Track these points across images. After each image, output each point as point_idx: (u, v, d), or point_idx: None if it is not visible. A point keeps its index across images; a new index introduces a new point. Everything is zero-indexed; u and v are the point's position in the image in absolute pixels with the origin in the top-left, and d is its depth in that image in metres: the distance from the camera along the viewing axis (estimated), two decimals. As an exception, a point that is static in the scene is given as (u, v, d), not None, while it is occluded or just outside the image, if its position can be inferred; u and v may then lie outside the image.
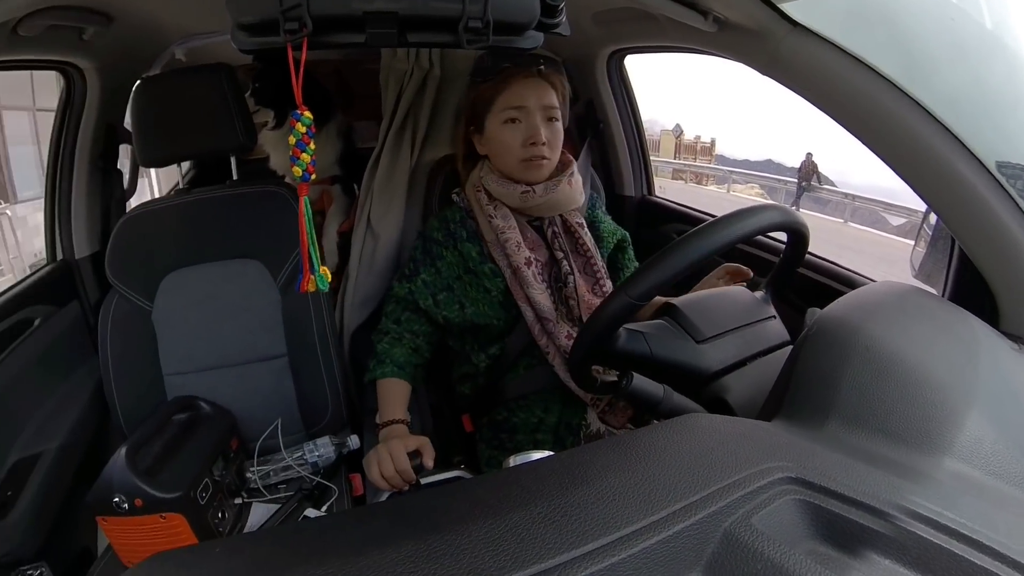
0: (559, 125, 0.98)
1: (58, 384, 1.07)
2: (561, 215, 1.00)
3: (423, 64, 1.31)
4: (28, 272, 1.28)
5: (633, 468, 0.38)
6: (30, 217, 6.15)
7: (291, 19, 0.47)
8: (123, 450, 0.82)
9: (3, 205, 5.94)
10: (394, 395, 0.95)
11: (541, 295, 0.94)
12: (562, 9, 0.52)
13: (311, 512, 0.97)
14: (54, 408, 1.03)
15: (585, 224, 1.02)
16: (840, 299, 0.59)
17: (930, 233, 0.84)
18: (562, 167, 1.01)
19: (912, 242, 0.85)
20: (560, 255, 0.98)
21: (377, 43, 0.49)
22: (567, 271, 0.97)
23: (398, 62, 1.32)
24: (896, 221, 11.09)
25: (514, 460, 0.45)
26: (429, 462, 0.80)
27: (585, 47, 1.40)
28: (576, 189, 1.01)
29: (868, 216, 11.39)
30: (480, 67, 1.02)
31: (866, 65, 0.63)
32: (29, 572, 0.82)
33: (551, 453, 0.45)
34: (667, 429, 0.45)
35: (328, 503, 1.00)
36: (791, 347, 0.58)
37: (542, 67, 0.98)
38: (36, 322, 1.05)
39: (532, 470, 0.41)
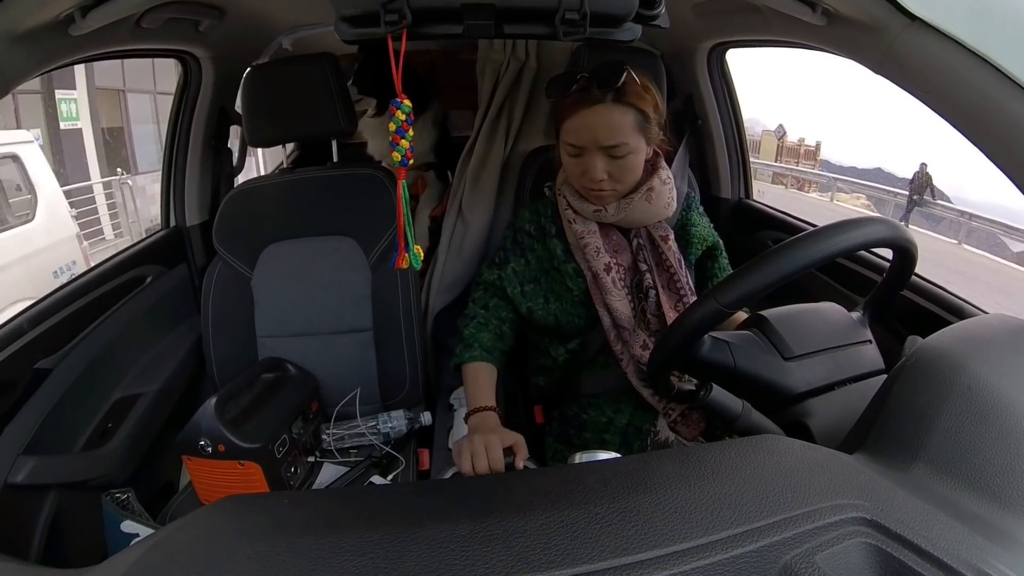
0: (628, 160, 0.86)
1: (162, 336, 1.19)
2: (646, 227, 0.94)
3: (519, 56, 1.32)
4: (144, 235, 1.44)
5: (699, 483, 0.37)
6: (148, 187, 6.95)
7: (391, 11, 0.49)
8: (213, 400, 0.91)
9: (126, 176, 6.69)
10: (482, 380, 0.92)
11: (620, 302, 0.91)
12: (661, 1, 0.50)
13: (377, 479, 1.03)
14: (157, 356, 1.15)
15: (672, 236, 0.94)
16: (945, 329, 0.54)
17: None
18: (644, 177, 0.92)
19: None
20: (644, 267, 0.93)
21: (474, 34, 0.50)
22: (649, 285, 0.92)
23: (495, 53, 1.34)
24: (1018, 247, 9.85)
25: (580, 457, 0.45)
26: (520, 463, 0.76)
27: (685, 40, 1.34)
28: (659, 203, 0.91)
29: (985, 239, 10.16)
30: (551, 83, 0.90)
31: (993, 66, 0.56)
32: (118, 495, 0.92)
33: (618, 455, 0.44)
34: (740, 447, 0.43)
35: (394, 473, 1.05)
36: (885, 377, 0.53)
37: (619, 85, 0.83)
38: (148, 279, 1.19)
39: (596, 470, 0.41)
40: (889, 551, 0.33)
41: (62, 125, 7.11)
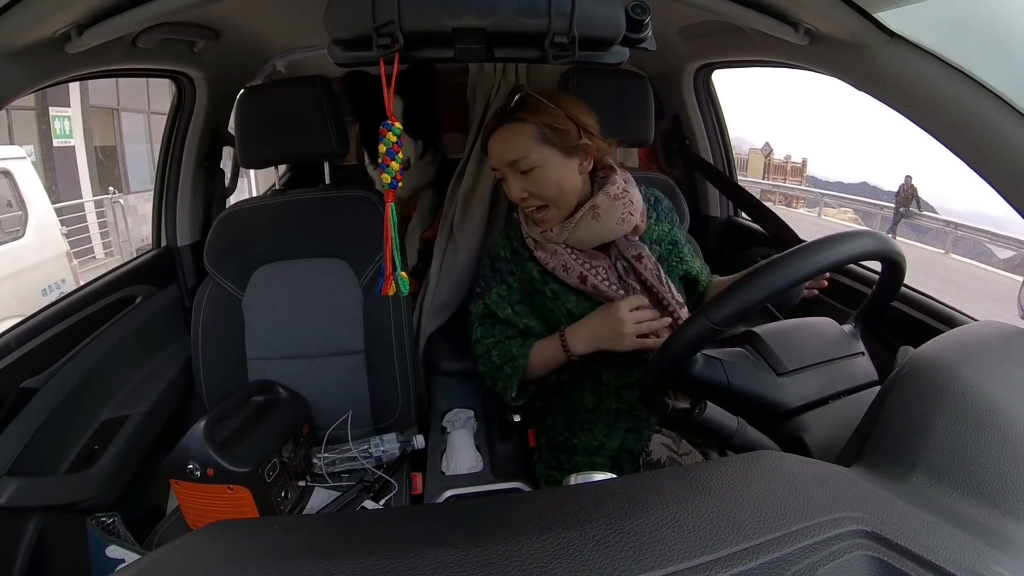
0: (537, 173, 0.87)
1: (151, 357, 1.18)
2: (615, 245, 0.92)
3: (510, 79, 1.35)
4: (135, 255, 1.43)
5: (697, 501, 0.36)
6: (140, 207, 6.92)
7: (384, 35, 0.50)
8: (203, 422, 0.89)
9: (118, 195, 6.67)
10: (543, 348, 0.93)
11: (616, 295, 0.90)
12: (648, 24, 0.52)
13: (369, 504, 1.01)
14: (145, 377, 1.13)
15: (646, 254, 0.92)
16: (937, 338, 0.54)
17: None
18: (591, 193, 0.92)
19: (1021, 278, 0.76)
20: (631, 282, 0.92)
21: (465, 58, 0.51)
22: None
23: (485, 77, 1.37)
24: (1004, 254, 10.10)
25: (575, 479, 0.44)
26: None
27: (672, 62, 1.38)
28: (609, 220, 0.89)
29: (972, 247, 10.38)
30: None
31: (972, 78, 0.58)
32: (103, 519, 0.89)
33: (613, 476, 0.44)
34: (737, 464, 0.42)
35: (387, 498, 1.03)
36: (879, 388, 0.53)
37: (510, 108, 0.89)
38: (138, 299, 1.18)
39: (592, 491, 0.40)
40: (891, 562, 0.33)
41: (55, 142, 7.12)
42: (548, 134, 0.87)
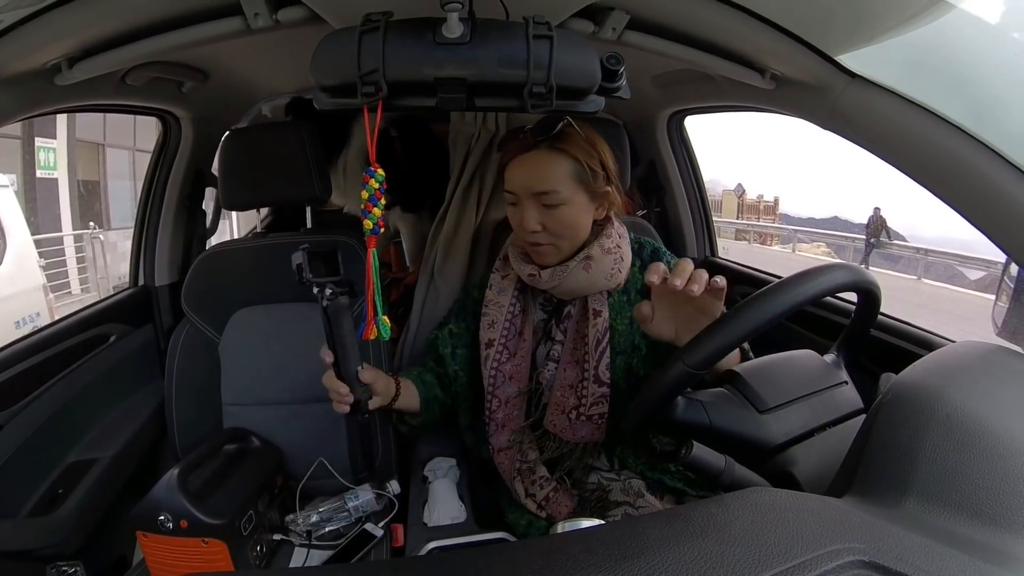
0: (562, 211, 0.82)
1: (123, 398, 1.14)
2: (584, 298, 0.88)
3: (490, 127, 1.38)
4: (111, 292, 1.39)
5: (689, 543, 0.35)
6: (119, 244, 6.82)
7: (368, 83, 0.51)
8: (175, 471, 0.84)
9: (98, 230, 6.57)
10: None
11: (490, 383, 0.90)
12: (622, 73, 0.54)
13: (352, 563, 0.95)
14: (115, 420, 1.09)
15: (604, 313, 0.87)
16: (917, 363, 0.55)
17: (1012, 286, 0.76)
18: (587, 243, 0.87)
19: (993, 297, 0.79)
20: (559, 338, 0.89)
21: (447, 107, 0.53)
22: (555, 356, 0.89)
23: (466, 125, 1.40)
24: (974, 275, 10.48)
25: (563, 526, 0.43)
26: None
27: (645, 109, 1.43)
28: (598, 272, 0.85)
29: (943, 271, 10.77)
30: (502, 140, 0.93)
31: (930, 112, 0.62)
32: (65, 568, 0.84)
33: (601, 522, 0.43)
34: (727, 503, 0.42)
35: (365, 550, 0.98)
36: (864, 416, 0.54)
37: (554, 133, 0.81)
38: (111, 338, 1.14)
39: (580, 538, 0.39)
40: None
41: (39, 173, 7.04)
42: (583, 174, 0.82)
